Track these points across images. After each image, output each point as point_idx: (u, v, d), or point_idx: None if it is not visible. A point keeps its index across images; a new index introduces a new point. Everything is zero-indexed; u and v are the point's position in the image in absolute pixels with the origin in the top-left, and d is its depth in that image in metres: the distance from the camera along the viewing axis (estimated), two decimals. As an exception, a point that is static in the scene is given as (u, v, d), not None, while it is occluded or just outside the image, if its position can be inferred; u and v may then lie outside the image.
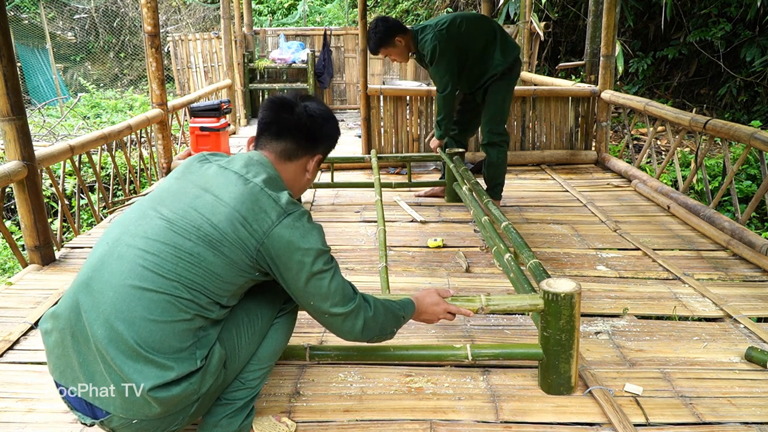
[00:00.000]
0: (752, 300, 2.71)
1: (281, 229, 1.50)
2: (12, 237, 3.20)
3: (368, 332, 1.68)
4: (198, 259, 1.45)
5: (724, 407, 1.94)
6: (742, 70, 7.96)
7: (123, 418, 1.45)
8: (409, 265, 3.15)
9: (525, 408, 1.96)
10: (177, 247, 1.45)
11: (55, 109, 10.37)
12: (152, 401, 1.41)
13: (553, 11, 9.39)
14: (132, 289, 1.42)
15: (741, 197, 5.15)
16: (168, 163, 5.18)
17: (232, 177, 1.55)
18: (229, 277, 1.49)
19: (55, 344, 1.48)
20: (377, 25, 3.76)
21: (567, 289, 1.88)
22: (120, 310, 1.40)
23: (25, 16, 12.93)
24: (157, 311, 1.41)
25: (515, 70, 3.85)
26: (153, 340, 1.39)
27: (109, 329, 1.39)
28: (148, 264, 1.43)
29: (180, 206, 1.51)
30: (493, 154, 3.93)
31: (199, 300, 1.45)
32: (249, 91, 8.43)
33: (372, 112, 5.20)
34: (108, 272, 1.45)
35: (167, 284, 1.43)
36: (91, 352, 1.43)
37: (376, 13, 13.46)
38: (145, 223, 1.50)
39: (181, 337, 1.43)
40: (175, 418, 1.51)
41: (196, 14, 13.90)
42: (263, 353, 1.70)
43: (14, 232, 4.86)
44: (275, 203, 1.52)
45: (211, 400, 1.61)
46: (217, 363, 1.51)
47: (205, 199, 1.51)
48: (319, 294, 1.57)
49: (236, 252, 1.48)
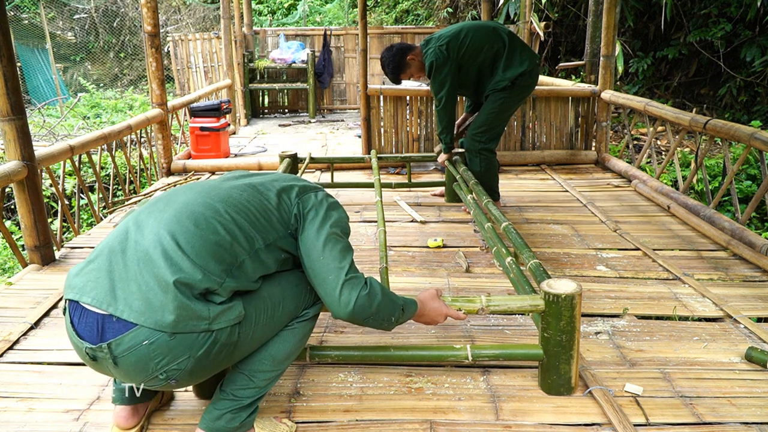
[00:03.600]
0: (752, 300, 2.71)
1: (318, 195, 1.82)
2: (12, 237, 3.20)
3: (362, 310, 1.66)
4: (248, 198, 1.70)
5: (724, 407, 1.94)
6: (742, 70, 7.96)
7: (133, 339, 1.44)
8: (409, 265, 3.15)
9: (525, 408, 1.96)
10: (231, 190, 1.71)
11: (55, 109, 10.38)
12: (172, 299, 1.45)
13: (553, 11, 9.39)
14: (186, 206, 1.63)
15: (741, 197, 5.15)
16: (168, 163, 5.18)
17: (279, 171, 1.94)
18: (269, 221, 1.70)
19: (90, 260, 1.58)
20: (387, 56, 3.76)
21: (568, 290, 1.88)
22: (171, 220, 1.58)
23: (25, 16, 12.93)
24: (203, 225, 1.58)
25: (520, 83, 3.67)
26: (193, 246, 1.53)
27: (157, 231, 1.56)
28: (203, 198, 1.67)
29: (233, 177, 1.84)
30: (474, 162, 3.86)
31: (242, 231, 1.62)
32: (249, 91, 8.43)
33: (372, 112, 5.20)
34: (162, 204, 1.66)
35: (216, 208, 1.63)
36: (131, 250, 1.53)
37: (376, 13, 13.47)
38: (198, 188, 1.74)
39: (218, 257, 1.55)
40: (182, 353, 1.47)
41: (196, 14, 13.90)
42: (277, 354, 1.71)
43: (14, 232, 4.86)
44: (313, 185, 1.88)
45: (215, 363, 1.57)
46: (236, 316, 1.55)
47: (254, 176, 1.87)
48: (331, 253, 1.70)
49: (278, 203, 1.74)
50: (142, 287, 1.47)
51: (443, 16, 11.51)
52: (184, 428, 1.87)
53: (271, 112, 9.10)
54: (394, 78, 3.83)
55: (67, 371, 2.19)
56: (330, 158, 4.52)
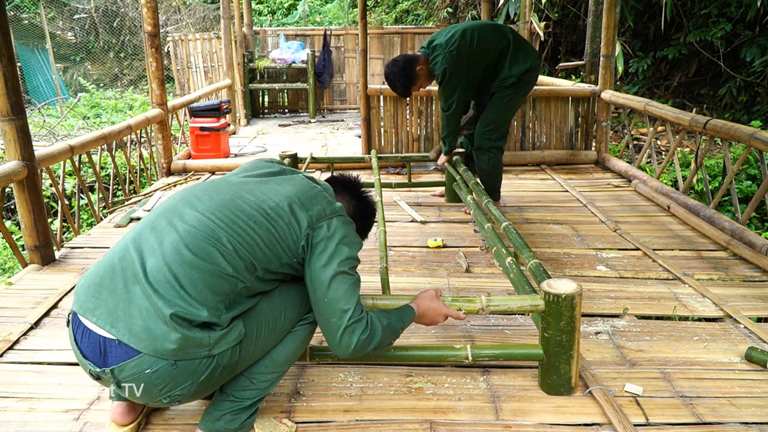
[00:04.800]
0: (752, 300, 2.71)
1: (332, 223, 1.70)
2: (12, 237, 3.20)
3: (361, 349, 1.70)
4: (253, 226, 1.62)
5: (724, 407, 1.94)
6: (742, 70, 7.96)
7: (136, 367, 1.47)
8: (409, 265, 3.15)
9: (525, 408, 1.96)
10: (238, 211, 1.63)
11: (55, 109, 10.37)
12: (172, 330, 1.46)
13: (553, 11, 9.39)
14: (189, 229, 1.58)
15: (741, 197, 5.15)
16: (168, 163, 5.18)
17: (299, 177, 1.79)
18: (273, 252, 1.64)
19: (93, 274, 1.58)
20: (393, 72, 3.67)
21: (568, 290, 1.88)
22: (172, 246, 1.55)
23: (25, 16, 12.93)
24: (204, 255, 1.55)
25: (525, 79, 3.71)
26: (191, 280, 1.51)
27: (155, 262, 1.53)
28: (208, 217, 1.61)
29: (247, 186, 1.73)
30: (483, 159, 3.88)
31: (243, 261, 1.58)
32: (249, 91, 8.43)
33: (372, 112, 5.20)
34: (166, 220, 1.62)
35: (220, 236, 1.58)
36: (130, 280, 1.52)
37: (376, 13, 13.46)
38: (212, 191, 1.69)
39: (215, 289, 1.53)
40: (184, 379, 1.52)
41: (196, 14, 13.90)
42: (278, 357, 1.73)
43: (14, 232, 4.86)
44: (330, 204, 1.74)
45: (219, 381, 1.62)
46: (237, 336, 1.57)
47: (271, 186, 1.74)
48: (336, 293, 1.65)
49: (286, 231, 1.65)
50: (143, 313, 1.48)
51: (443, 16, 11.51)
52: (184, 428, 1.87)
53: (271, 112, 9.10)
54: (405, 93, 3.77)
55: (67, 371, 2.19)
56: (330, 158, 4.52)
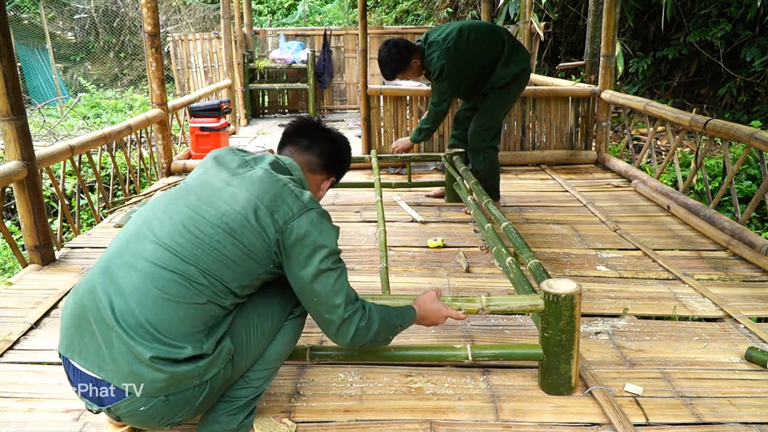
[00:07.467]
0: (752, 300, 2.71)
1: (301, 222, 1.57)
2: (12, 237, 3.20)
3: (358, 340, 1.69)
4: (217, 245, 1.52)
5: (724, 407, 1.94)
6: (742, 70, 7.96)
7: (129, 405, 1.48)
8: (409, 265, 3.15)
9: (525, 408, 1.96)
10: (199, 232, 1.53)
11: (55, 109, 10.37)
12: (156, 371, 1.43)
13: (553, 11, 9.39)
14: (151, 267, 1.49)
15: (741, 197, 5.15)
16: (168, 163, 5.18)
17: (259, 172, 1.63)
18: (246, 266, 1.55)
19: (70, 317, 1.54)
20: (390, 52, 3.59)
21: (568, 290, 1.88)
22: (136, 287, 1.47)
23: (25, 16, 12.93)
24: (172, 290, 1.47)
25: (518, 81, 3.74)
26: (163, 320, 1.45)
27: (124, 305, 1.46)
28: (169, 247, 1.51)
29: (206, 195, 1.60)
30: (478, 160, 3.88)
31: (214, 286, 1.51)
32: (249, 91, 8.43)
33: (372, 112, 5.20)
34: (129, 252, 1.53)
35: (185, 267, 1.49)
36: (104, 326, 1.47)
37: (376, 13, 13.46)
38: (172, 209, 1.59)
39: (191, 321, 1.47)
40: (180, 409, 1.53)
41: (196, 14, 13.90)
42: (269, 354, 1.72)
43: (14, 232, 4.86)
44: (297, 198, 1.60)
45: (216, 396, 1.62)
46: (226, 356, 1.55)
47: (231, 190, 1.59)
48: (323, 292, 1.60)
49: (255, 241, 1.54)
50: (125, 357, 1.44)
51: (443, 17, 11.50)
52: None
53: (271, 112, 9.10)
54: (391, 76, 3.71)
55: (67, 371, 2.19)
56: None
